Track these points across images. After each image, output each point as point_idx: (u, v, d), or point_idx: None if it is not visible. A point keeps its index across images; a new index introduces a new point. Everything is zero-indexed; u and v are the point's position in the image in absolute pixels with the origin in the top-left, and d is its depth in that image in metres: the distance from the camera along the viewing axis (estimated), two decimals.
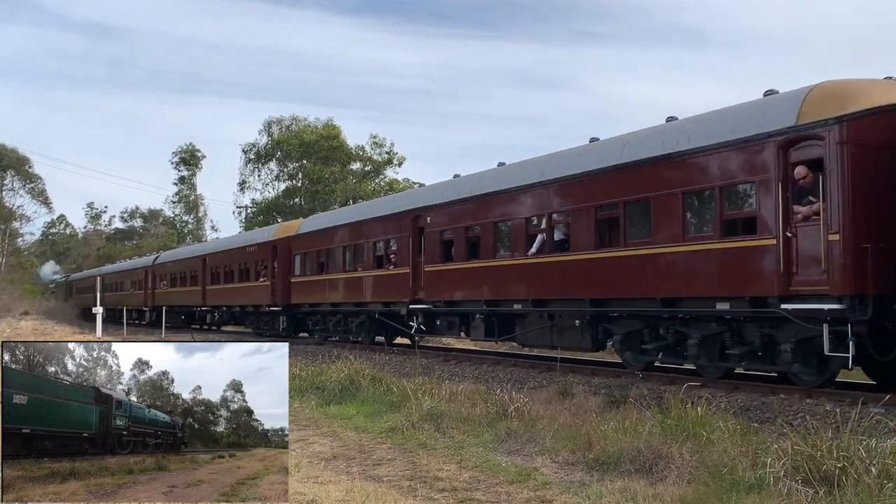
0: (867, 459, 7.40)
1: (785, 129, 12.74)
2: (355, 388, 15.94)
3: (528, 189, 18.73)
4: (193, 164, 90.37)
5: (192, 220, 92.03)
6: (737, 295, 13.53)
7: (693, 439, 9.38)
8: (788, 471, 7.64)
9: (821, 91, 12.69)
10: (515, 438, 11.09)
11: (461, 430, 11.88)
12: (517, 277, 18.82)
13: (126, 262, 62.30)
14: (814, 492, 7.28)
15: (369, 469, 9.93)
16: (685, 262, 14.41)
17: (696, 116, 15.50)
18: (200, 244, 62.26)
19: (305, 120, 71.37)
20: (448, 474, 9.42)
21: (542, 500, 8.28)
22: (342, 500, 7.66)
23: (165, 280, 47.63)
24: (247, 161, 73.66)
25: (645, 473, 8.86)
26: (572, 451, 10.03)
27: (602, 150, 17.15)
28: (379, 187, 64.24)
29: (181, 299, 44.45)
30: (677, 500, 7.82)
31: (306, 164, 68.13)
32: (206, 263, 41.02)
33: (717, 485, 7.94)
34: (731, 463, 8.29)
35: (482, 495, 8.51)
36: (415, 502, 8.17)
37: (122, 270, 58.58)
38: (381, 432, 12.41)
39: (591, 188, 16.76)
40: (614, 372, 16.83)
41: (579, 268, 16.93)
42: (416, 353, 19.93)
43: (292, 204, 68.68)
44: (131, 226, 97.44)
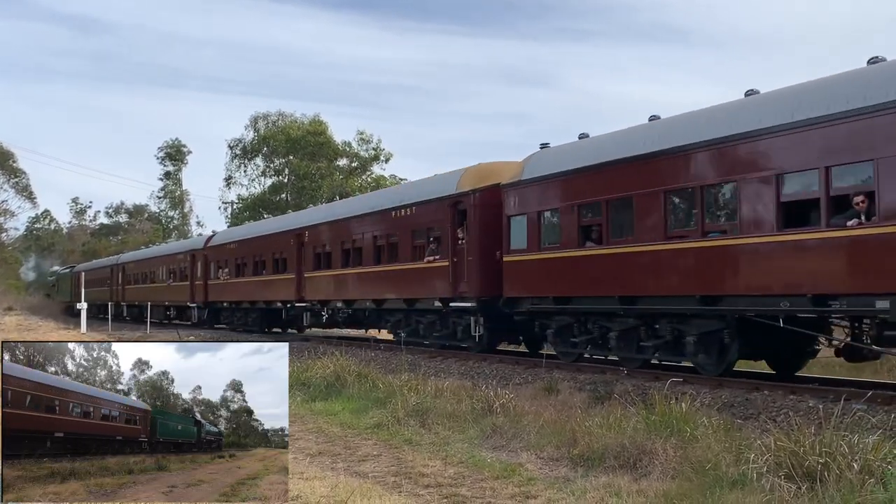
0: (849, 455, 7.44)
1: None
2: (341, 384, 15.93)
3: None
4: (179, 160, 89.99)
5: (178, 216, 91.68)
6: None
7: (677, 435, 9.43)
8: (771, 467, 7.68)
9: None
10: (501, 434, 11.11)
11: (447, 426, 11.90)
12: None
13: (158, 247, 57.16)
14: (796, 487, 7.33)
15: (354, 465, 9.93)
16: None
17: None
18: (290, 215, 41.09)
19: (292, 115, 71.27)
20: (433, 470, 9.44)
21: (527, 495, 8.30)
22: (327, 496, 7.65)
23: (227, 266, 37.34)
24: (233, 156, 73.49)
25: (629, 469, 8.90)
26: (557, 447, 10.06)
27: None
28: (366, 183, 64.18)
29: (256, 292, 34.09)
30: (661, 495, 7.86)
31: (293, 160, 67.96)
32: (303, 240, 30.22)
33: (701, 480, 7.98)
34: (715, 459, 8.33)
35: (467, 491, 8.52)
36: (400, 498, 8.17)
37: (152, 257, 49.97)
38: (366, 428, 12.42)
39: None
40: (599, 368, 16.88)
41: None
42: (402, 349, 20.15)
43: (278, 200, 68.54)
44: (116, 221, 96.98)
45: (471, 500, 8.22)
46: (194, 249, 41.77)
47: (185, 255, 42.68)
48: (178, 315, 44.04)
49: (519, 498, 8.25)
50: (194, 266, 40.92)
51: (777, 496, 7.23)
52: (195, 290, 40.40)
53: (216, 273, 38.29)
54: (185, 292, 41.59)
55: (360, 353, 21.80)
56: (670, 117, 16.00)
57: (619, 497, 7.92)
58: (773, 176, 12.69)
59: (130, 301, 52.05)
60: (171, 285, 44.04)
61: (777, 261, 12.64)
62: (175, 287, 43.32)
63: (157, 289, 46.58)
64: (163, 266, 46.30)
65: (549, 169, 17.95)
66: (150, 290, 47.77)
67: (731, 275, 13.52)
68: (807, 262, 12.27)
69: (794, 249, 12.45)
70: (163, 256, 47.69)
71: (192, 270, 41.13)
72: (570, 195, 17.12)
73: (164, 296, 44.93)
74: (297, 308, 30.27)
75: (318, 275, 28.45)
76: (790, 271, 12.48)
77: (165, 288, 44.84)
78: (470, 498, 8.27)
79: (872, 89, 11.70)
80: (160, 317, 45.81)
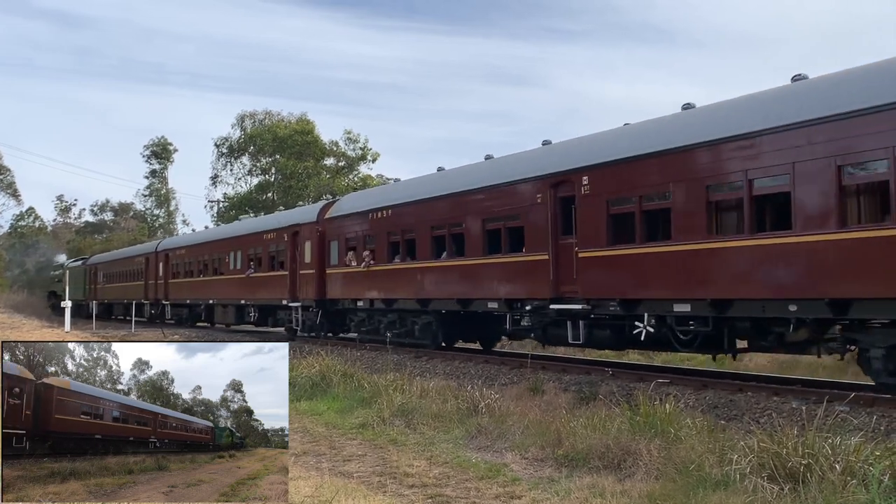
0: (832, 457, 7.50)
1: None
2: (326, 384, 15.90)
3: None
4: (165, 158, 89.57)
5: (164, 214, 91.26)
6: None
7: (661, 436, 9.46)
8: (754, 468, 7.72)
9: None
10: (486, 434, 11.12)
11: (432, 426, 11.91)
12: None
13: (229, 226, 42.82)
14: (779, 488, 7.37)
15: (339, 465, 9.92)
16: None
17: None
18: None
19: (279, 114, 71.12)
20: (418, 470, 9.44)
21: (512, 495, 8.31)
22: (311, 496, 7.63)
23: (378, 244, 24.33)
24: (219, 155, 73.27)
25: (613, 470, 8.93)
26: (542, 448, 10.08)
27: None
28: (353, 183, 64.09)
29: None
30: (645, 496, 7.88)
31: (279, 159, 67.81)
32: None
33: (685, 481, 8.01)
34: (699, 460, 8.36)
35: (452, 491, 8.53)
36: (384, 498, 8.17)
37: (219, 239, 37.71)
38: (351, 428, 12.40)
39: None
40: (584, 368, 16.93)
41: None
42: (387, 349, 20.20)
43: (265, 199, 68.36)
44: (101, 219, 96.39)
45: (455, 500, 8.23)
46: (300, 224, 28.92)
47: (283, 231, 30.08)
48: (263, 318, 32.31)
49: (503, 498, 8.26)
50: (303, 246, 28.37)
51: (760, 497, 7.27)
52: (301, 282, 28.38)
53: (345, 257, 25.99)
54: (282, 286, 29.45)
55: (346, 353, 21.77)
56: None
57: (603, 497, 7.95)
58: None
59: (179, 299, 40.90)
60: (254, 277, 32.04)
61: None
62: (264, 280, 31.25)
63: (226, 283, 35.02)
64: (239, 250, 33.89)
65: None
66: (213, 284, 36.40)
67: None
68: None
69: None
70: (243, 236, 34.12)
71: (297, 254, 28.82)
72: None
73: (243, 292, 33.21)
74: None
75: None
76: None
77: (243, 281, 32.95)
78: (454, 498, 8.28)
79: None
80: (230, 319, 35.47)
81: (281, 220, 31.88)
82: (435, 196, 21.49)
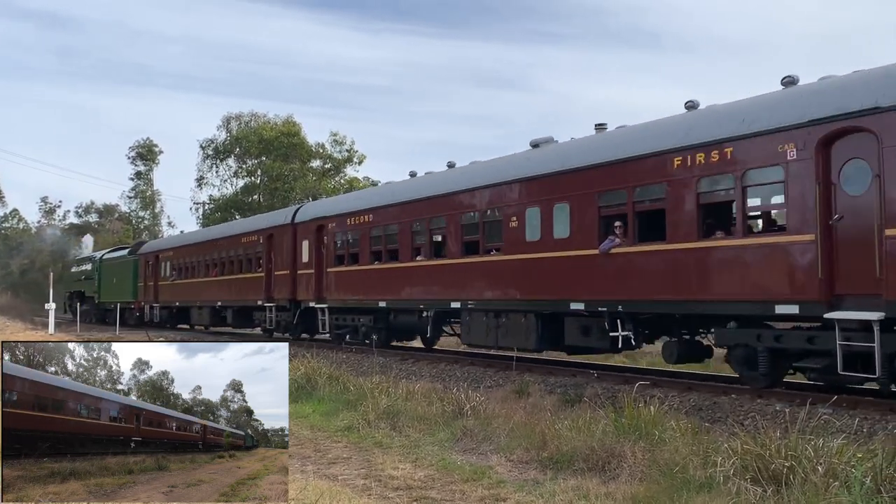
0: (815, 459, 7.53)
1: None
2: (311, 386, 15.87)
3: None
4: (150, 159, 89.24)
5: (149, 216, 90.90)
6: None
7: (645, 438, 9.48)
8: (738, 470, 7.75)
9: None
10: (471, 437, 11.12)
11: (417, 428, 11.90)
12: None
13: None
14: (762, 491, 7.40)
15: (324, 468, 9.90)
16: None
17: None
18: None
19: (265, 116, 70.98)
20: (403, 473, 9.42)
21: (497, 498, 8.32)
22: (295, 499, 7.61)
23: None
24: (205, 157, 73.08)
25: (598, 472, 8.94)
26: (527, 450, 10.09)
27: None
28: (339, 185, 64.04)
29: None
30: (629, 498, 7.91)
31: (265, 161, 67.69)
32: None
33: (668, 483, 8.03)
34: (683, 462, 8.38)
35: (437, 494, 8.52)
36: (369, 501, 8.16)
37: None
38: (336, 431, 12.38)
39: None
40: (570, 371, 16.97)
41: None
42: (374, 352, 20.22)
43: (251, 201, 68.20)
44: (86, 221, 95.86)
45: (440, 502, 8.22)
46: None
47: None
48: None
49: (488, 500, 8.26)
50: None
51: (743, 499, 7.30)
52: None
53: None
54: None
55: (332, 356, 21.74)
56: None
57: (587, 499, 7.96)
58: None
59: (340, 299, 25.18)
60: (232, 279, 31.82)
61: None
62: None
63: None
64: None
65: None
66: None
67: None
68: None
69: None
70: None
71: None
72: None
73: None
74: None
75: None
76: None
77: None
78: (439, 500, 8.27)
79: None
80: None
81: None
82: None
